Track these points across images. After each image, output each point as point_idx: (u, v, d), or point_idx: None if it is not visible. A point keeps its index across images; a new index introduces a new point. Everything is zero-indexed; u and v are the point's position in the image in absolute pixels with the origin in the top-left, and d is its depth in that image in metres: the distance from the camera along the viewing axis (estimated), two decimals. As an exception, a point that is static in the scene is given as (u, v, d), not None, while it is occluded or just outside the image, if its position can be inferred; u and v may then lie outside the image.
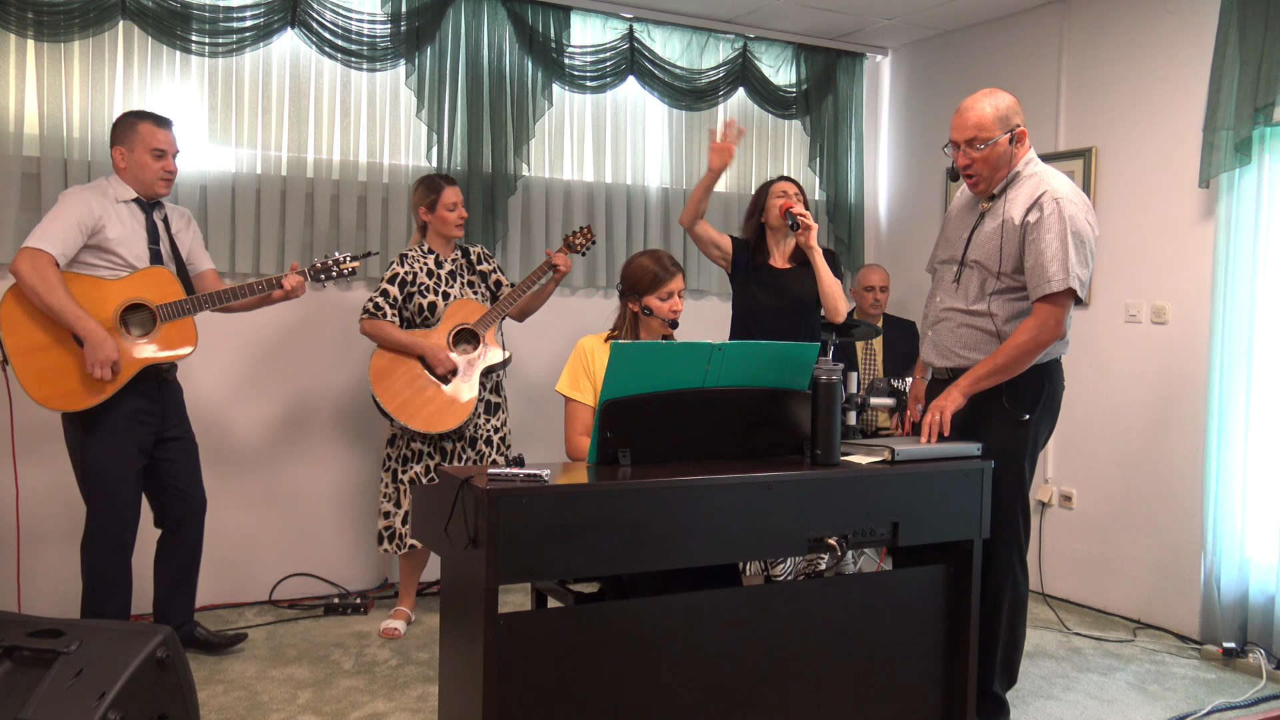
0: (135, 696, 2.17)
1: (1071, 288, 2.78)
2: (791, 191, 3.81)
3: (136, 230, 3.35)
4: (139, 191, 3.37)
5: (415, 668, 3.57)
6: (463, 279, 3.99)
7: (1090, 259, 2.85)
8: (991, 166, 2.91)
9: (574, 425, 3.06)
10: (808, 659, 2.58)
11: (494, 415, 4.04)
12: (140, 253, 3.34)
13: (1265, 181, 3.80)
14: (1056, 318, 2.80)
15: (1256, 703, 3.44)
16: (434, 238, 3.97)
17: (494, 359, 3.92)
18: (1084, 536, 4.51)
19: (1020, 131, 2.91)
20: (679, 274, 3.13)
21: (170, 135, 3.38)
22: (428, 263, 3.93)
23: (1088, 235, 2.83)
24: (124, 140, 3.35)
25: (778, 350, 2.61)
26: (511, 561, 2.16)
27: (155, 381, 3.37)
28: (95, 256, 3.26)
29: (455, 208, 3.92)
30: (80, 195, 3.26)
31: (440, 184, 3.92)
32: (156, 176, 3.35)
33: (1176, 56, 4.16)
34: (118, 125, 3.38)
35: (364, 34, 4.28)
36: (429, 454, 3.92)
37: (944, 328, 3.05)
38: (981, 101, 2.91)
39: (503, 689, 2.19)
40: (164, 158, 3.35)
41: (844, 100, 5.40)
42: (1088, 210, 2.86)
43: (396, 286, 3.86)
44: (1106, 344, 4.44)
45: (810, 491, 2.49)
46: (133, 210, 3.36)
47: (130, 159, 3.34)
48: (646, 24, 4.92)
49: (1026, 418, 2.92)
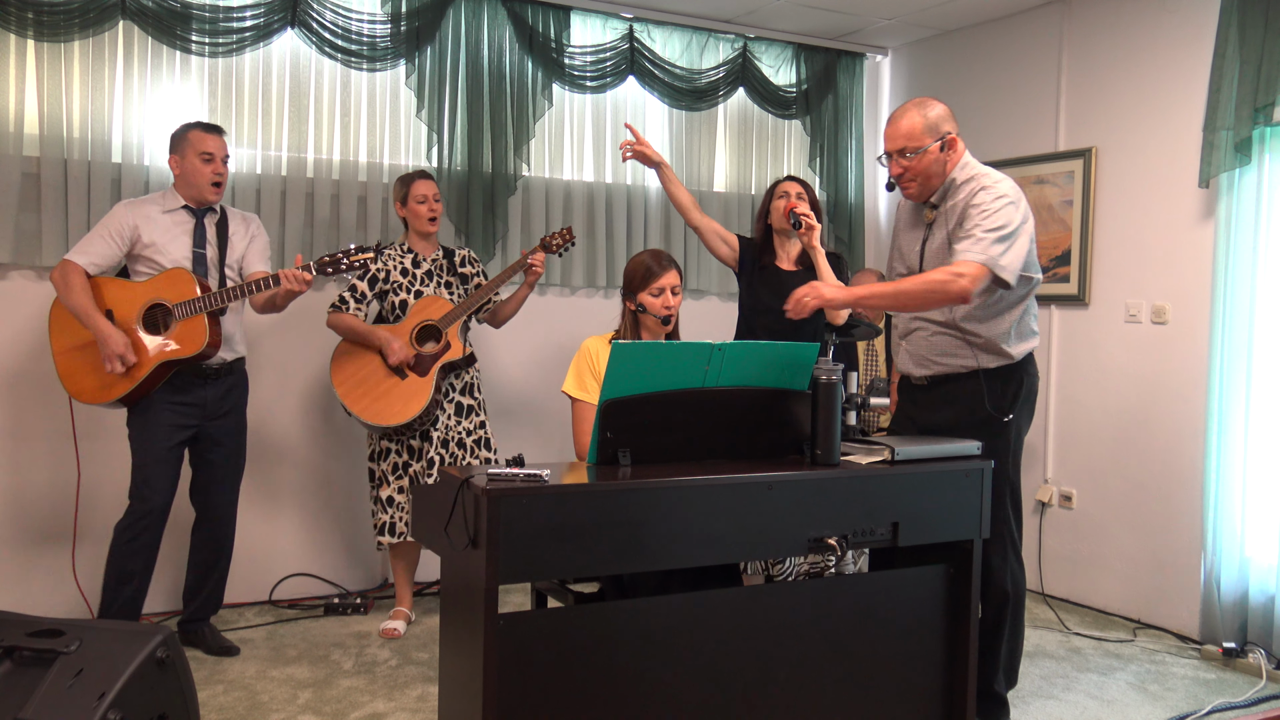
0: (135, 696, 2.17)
1: (987, 268, 2.78)
2: (794, 191, 3.79)
3: (178, 236, 3.50)
4: (191, 197, 3.53)
5: (415, 668, 3.57)
6: (440, 279, 3.97)
7: (1013, 245, 2.81)
8: (924, 174, 2.95)
9: (581, 425, 3.06)
10: (808, 659, 2.57)
11: (466, 417, 3.99)
12: (179, 257, 3.49)
13: (1265, 181, 3.80)
14: (970, 280, 2.76)
15: (1256, 703, 3.44)
16: (413, 236, 3.97)
17: (453, 355, 3.89)
18: (1084, 536, 4.51)
19: (951, 139, 2.93)
20: (672, 269, 3.13)
21: (219, 140, 3.55)
22: (404, 261, 3.92)
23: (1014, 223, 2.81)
24: (177, 148, 3.52)
25: (778, 350, 2.61)
26: (511, 561, 2.16)
27: (196, 377, 3.51)
28: (140, 264, 3.48)
29: (426, 200, 3.91)
30: (118, 208, 3.49)
31: (413, 177, 3.94)
32: (207, 181, 3.50)
33: (1176, 56, 4.16)
34: (173, 135, 3.55)
35: (364, 34, 4.28)
36: (396, 451, 3.91)
37: (918, 338, 3.09)
38: (911, 111, 2.95)
39: (503, 689, 2.19)
40: (212, 161, 3.51)
41: (844, 100, 5.40)
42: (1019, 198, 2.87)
43: (366, 283, 3.87)
44: (1106, 344, 4.44)
45: (810, 491, 2.49)
46: (178, 217, 3.52)
47: (183, 165, 3.50)
48: (646, 24, 4.92)
49: (1008, 418, 2.93)
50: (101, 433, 3.91)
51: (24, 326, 3.87)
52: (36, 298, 3.85)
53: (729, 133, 5.24)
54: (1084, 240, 4.51)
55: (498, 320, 4.13)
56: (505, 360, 4.75)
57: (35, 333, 3.85)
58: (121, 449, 3.56)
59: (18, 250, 3.81)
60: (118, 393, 3.39)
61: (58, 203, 3.83)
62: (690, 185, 5.07)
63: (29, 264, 3.86)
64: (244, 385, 3.71)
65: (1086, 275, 4.51)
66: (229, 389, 3.62)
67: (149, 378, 3.39)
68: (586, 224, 4.85)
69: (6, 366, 3.86)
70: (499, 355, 4.71)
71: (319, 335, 4.20)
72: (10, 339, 3.86)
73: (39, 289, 3.86)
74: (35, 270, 3.88)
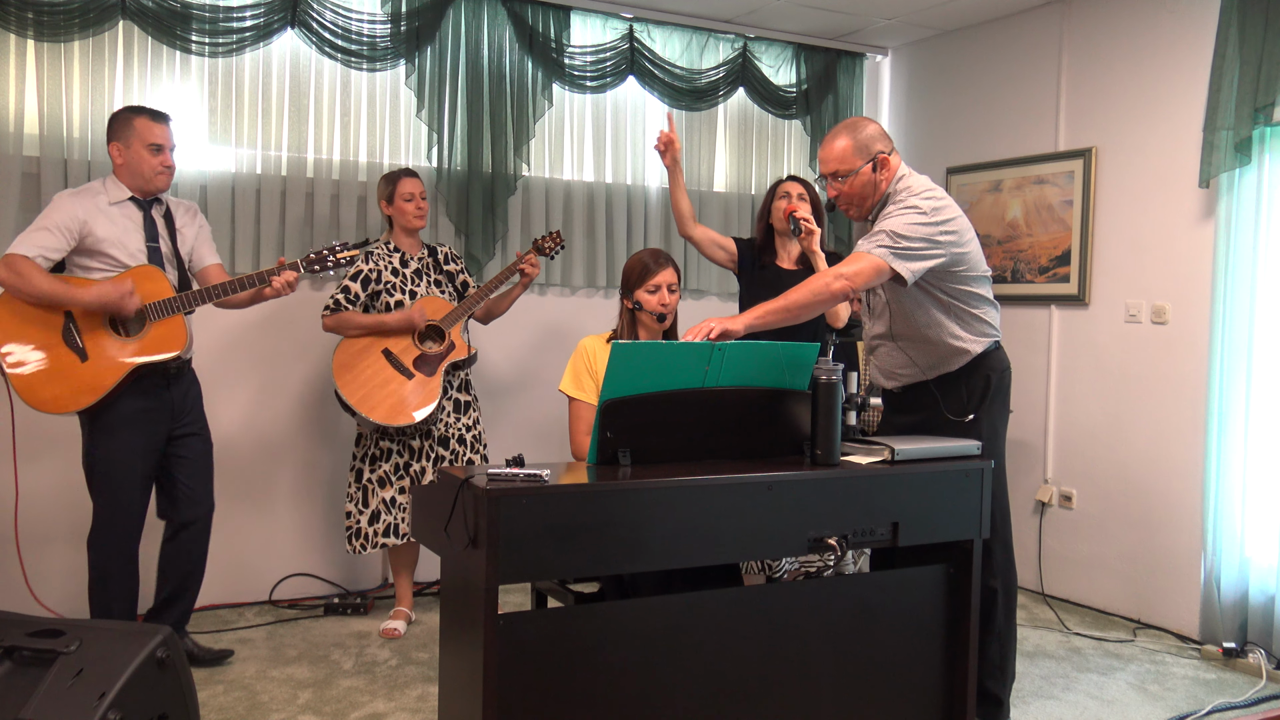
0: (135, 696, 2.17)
1: (882, 262, 2.78)
2: (795, 193, 3.78)
3: (130, 229, 3.29)
4: (137, 188, 3.32)
5: (415, 668, 3.57)
6: (429, 278, 3.98)
7: (908, 245, 2.81)
8: (859, 195, 2.97)
9: (578, 425, 3.06)
10: (808, 659, 2.57)
11: (464, 414, 4.02)
12: (135, 251, 3.28)
13: (1265, 181, 3.80)
14: (850, 279, 2.77)
15: (1256, 703, 3.44)
16: (398, 234, 3.96)
17: (459, 355, 3.90)
18: (1084, 536, 4.51)
19: (883, 158, 2.94)
20: (669, 267, 3.13)
21: (167, 129, 3.33)
22: (393, 261, 3.92)
23: (918, 229, 2.81)
24: (120, 136, 3.30)
25: (778, 350, 2.61)
26: (511, 561, 2.16)
27: (161, 379, 3.32)
28: (89, 259, 3.23)
29: (413, 198, 3.90)
30: (61, 199, 3.24)
31: (398, 175, 3.93)
32: (154, 172, 3.30)
33: (1176, 56, 4.16)
34: (113, 121, 3.33)
35: (364, 34, 4.28)
36: (397, 452, 3.91)
37: (881, 352, 3.13)
38: (841, 135, 2.96)
39: (503, 689, 2.19)
40: (161, 152, 3.30)
41: (844, 100, 5.39)
42: (935, 212, 2.85)
43: (359, 283, 3.86)
44: (1106, 344, 4.44)
45: (810, 491, 2.49)
46: (126, 209, 3.31)
47: (127, 154, 3.29)
48: (646, 24, 4.92)
49: (969, 418, 2.94)
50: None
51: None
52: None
53: (729, 133, 5.24)
54: (1084, 240, 4.51)
55: (489, 317, 4.16)
56: (506, 360, 4.75)
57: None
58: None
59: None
60: (88, 400, 3.15)
61: (57, 203, 3.83)
62: (690, 185, 5.08)
63: (29, 264, 3.85)
64: (197, 383, 3.53)
65: (1086, 275, 4.51)
66: (188, 387, 3.45)
67: (122, 382, 3.19)
68: (586, 224, 4.85)
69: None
70: (500, 355, 4.71)
71: (315, 334, 4.20)
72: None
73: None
74: (35, 270, 3.87)
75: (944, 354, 2.99)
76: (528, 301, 4.61)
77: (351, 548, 3.92)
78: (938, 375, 3.00)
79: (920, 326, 2.98)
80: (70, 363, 3.16)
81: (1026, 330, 4.76)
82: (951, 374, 2.99)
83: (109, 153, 3.33)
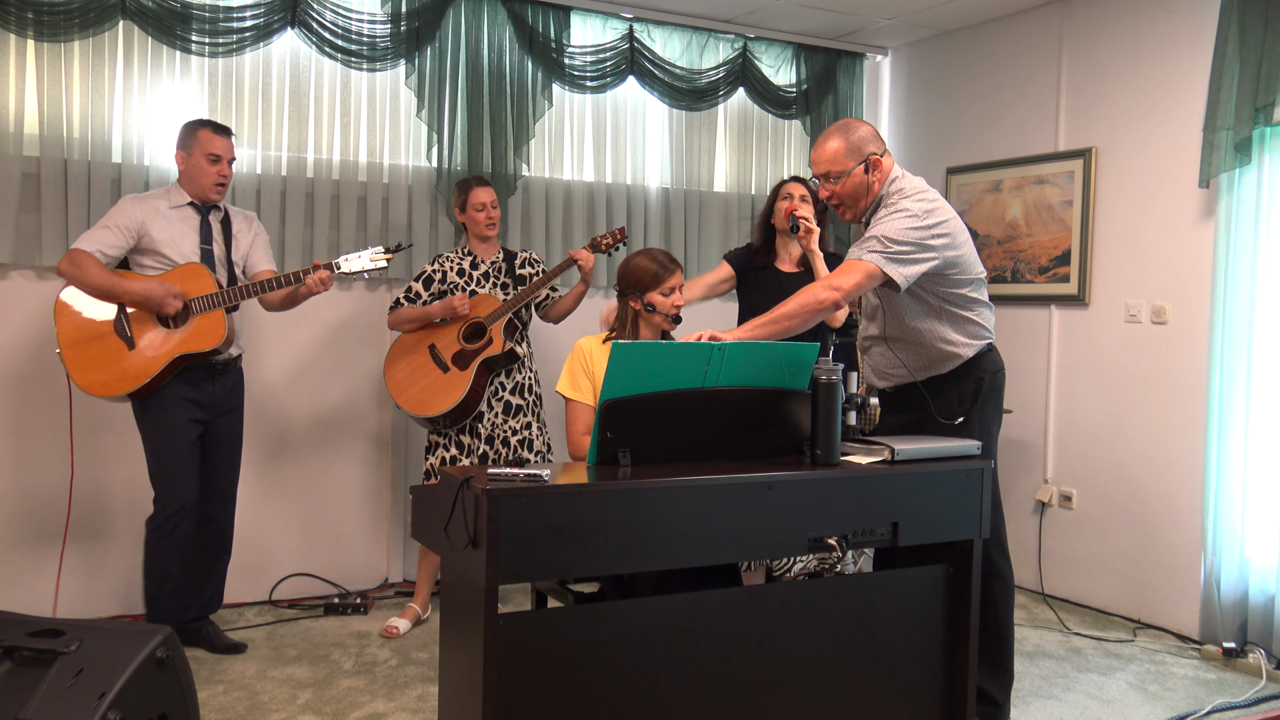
0: (135, 696, 2.17)
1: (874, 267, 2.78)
2: (798, 194, 3.79)
3: (185, 232, 3.52)
4: (196, 195, 3.55)
5: (415, 668, 3.57)
6: (496, 280, 4.01)
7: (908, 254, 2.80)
8: (851, 197, 2.97)
9: (575, 425, 3.07)
10: (808, 659, 2.57)
11: (513, 416, 4.00)
12: (188, 252, 3.51)
13: (1265, 181, 3.80)
14: (842, 289, 2.76)
15: (1256, 703, 3.44)
16: (472, 239, 4.03)
17: (493, 351, 3.91)
18: (1084, 536, 4.51)
19: (875, 160, 2.93)
20: (678, 269, 3.16)
21: (227, 142, 3.57)
22: (462, 264, 3.98)
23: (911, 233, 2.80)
24: (184, 145, 3.54)
25: (778, 350, 2.61)
26: (511, 561, 2.16)
27: (205, 372, 3.53)
28: (146, 258, 3.48)
29: (484, 208, 3.97)
30: (125, 202, 3.50)
31: (471, 184, 4.00)
32: (211, 181, 3.53)
33: (1176, 56, 4.16)
34: (181, 131, 3.57)
35: (364, 34, 4.28)
36: (444, 446, 3.96)
37: (874, 352, 3.14)
38: (833, 136, 2.96)
39: (503, 689, 2.19)
40: (219, 163, 3.54)
41: (844, 100, 5.39)
42: (928, 214, 2.84)
43: (422, 284, 3.95)
44: (1106, 344, 4.44)
45: (810, 491, 2.49)
46: (185, 214, 3.55)
47: (189, 163, 3.53)
48: (646, 24, 4.92)
49: (959, 421, 2.94)
50: (100, 430, 3.92)
51: (24, 326, 3.86)
52: (36, 297, 3.85)
53: (729, 133, 5.24)
54: (1084, 240, 4.51)
55: (552, 316, 4.17)
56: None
57: (35, 332, 3.85)
58: (122, 446, 3.55)
59: (17, 250, 3.80)
60: (131, 385, 3.37)
61: (58, 203, 3.83)
62: (690, 185, 5.08)
63: (29, 264, 3.85)
64: (242, 383, 3.74)
65: (1086, 275, 4.51)
66: (232, 386, 3.67)
67: (164, 371, 3.40)
68: (586, 224, 4.85)
69: (7, 366, 3.86)
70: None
71: (322, 334, 4.22)
72: (10, 339, 3.86)
73: (39, 288, 3.86)
74: (35, 270, 3.87)
75: (935, 357, 2.99)
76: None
77: None
78: (927, 377, 3.00)
79: (912, 329, 2.98)
80: (119, 350, 3.38)
81: (1026, 330, 4.77)
82: (941, 376, 2.99)
83: (175, 159, 3.57)
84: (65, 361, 3.38)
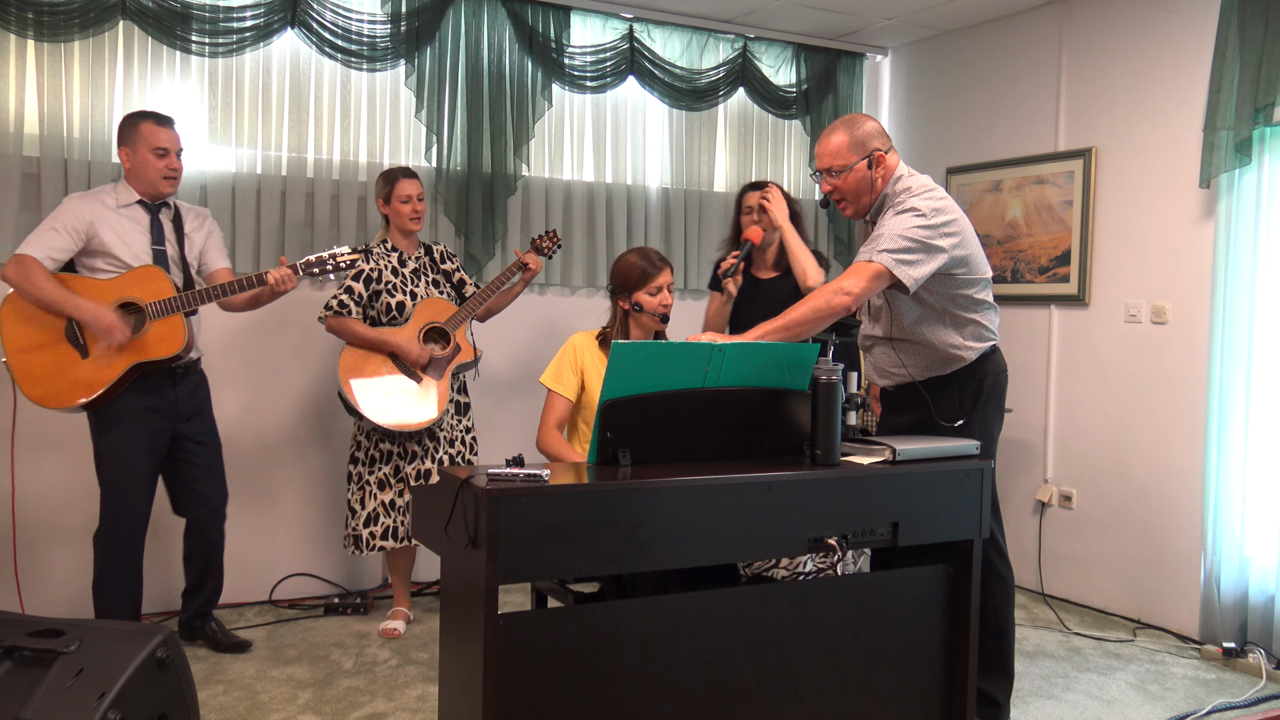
0: (135, 696, 2.17)
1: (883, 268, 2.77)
2: (755, 203, 3.81)
3: (136, 232, 3.37)
4: (144, 191, 3.40)
5: (415, 668, 3.57)
6: (427, 277, 3.97)
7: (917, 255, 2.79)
8: (854, 192, 2.95)
9: (549, 416, 3.10)
10: (807, 659, 2.57)
11: (464, 415, 4.04)
12: (140, 253, 3.36)
13: (1265, 181, 3.80)
14: (851, 292, 2.75)
15: (1256, 703, 3.44)
16: (395, 233, 3.95)
17: (465, 358, 3.90)
18: (1084, 536, 4.51)
19: (879, 155, 2.92)
20: (666, 268, 3.16)
21: (172, 133, 3.42)
22: (391, 261, 3.90)
23: (919, 232, 2.79)
24: (127, 141, 3.40)
25: (778, 350, 2.61)
26: (511, 561, 2.16)
27: (165, 378, 3.38)
28: (97, 260, 3.32)
29: (410, 200, 3.88)
30: (70, 202, 3.34)
31: (397, 175, 3.90)
32: (160, 175, 3.38)
33: (1176, 56, 4.16)
34: (121, 127, 3.42)
35: (364, 34, 4.28)
36: (397, 454, 3.90)
37: (876, 351, 3.13)
38: (838, 130, 2.95)
39: (503, 689, 2.19)
40: (166, 156, 3.38)
41: (844, 100, 5.40)
42: (936, 213, 2.83)
43: (361, 284, 3.82)
44: (1106, 344, 4.44)
45: (810, 491, 2.49)
46: (134, 212, 3.40)
47: (134, 159, 3.38)
48: (646, 24, 4.92)
49: (959, 423, 2.94)
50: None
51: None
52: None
53: (729, 133, 5.24)
54: (1084, 240, 4.51)
55: (488, 314, 4.13)
56: (505, 359, 4.75)
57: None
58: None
59: (18, 250, 3.80)
60: (85, 395, 3.21)
61: (57, 203, 3.81)
62: (690, 185, 5.08)
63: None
64: (206, 384, 3.61)
65: (1086, 275, 4.51)
66: (194, 387, 3.52)
67: (119, 380, 3.25)
68: (586, 224, 4.85)
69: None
70: (500, 354, 4.71)
71: (315, 334, 4.21)
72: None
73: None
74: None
75: (938, 358, 2.98)
76: (527, 301, 4.61)
77: (350, 550, 3.92)
78: (928, 378, 3.00)
79: (916, 330, 2.98)
80: (71, 359, 3.23)
81: (1026, 330, 4.77)
82: (943, 377, 2.99)
83: (118, 157, 3.42)
84: (12, 371, 3.19)
